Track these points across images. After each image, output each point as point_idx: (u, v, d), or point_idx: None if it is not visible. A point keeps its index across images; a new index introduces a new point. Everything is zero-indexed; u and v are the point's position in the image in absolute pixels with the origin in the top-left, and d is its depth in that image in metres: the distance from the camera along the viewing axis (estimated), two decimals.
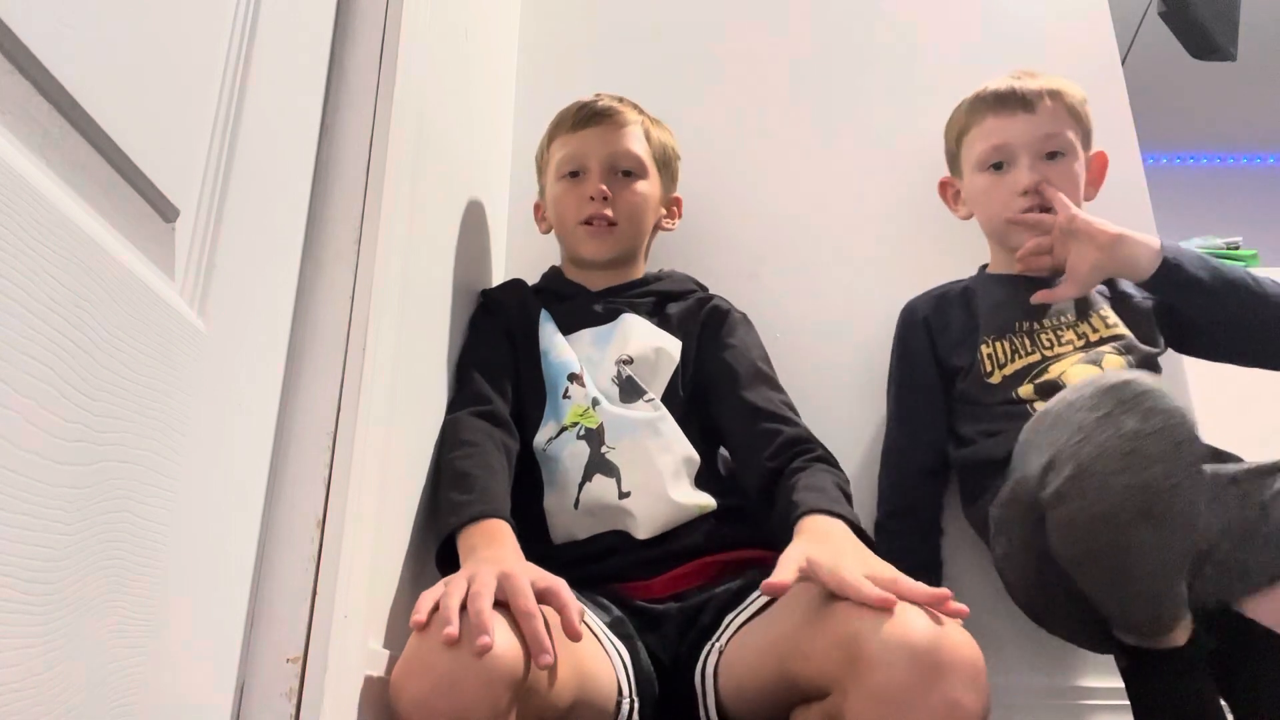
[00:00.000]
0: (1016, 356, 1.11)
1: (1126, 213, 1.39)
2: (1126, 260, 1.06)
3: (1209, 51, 2.18)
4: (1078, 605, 0.89)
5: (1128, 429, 0.74)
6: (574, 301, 1.14)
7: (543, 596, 0.69)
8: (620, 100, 1.19)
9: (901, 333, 1.25)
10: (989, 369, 1.12)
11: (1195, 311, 1.08)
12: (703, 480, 1.00)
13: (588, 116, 1.16)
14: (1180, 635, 0.83)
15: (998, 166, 1.18)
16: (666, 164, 1.22)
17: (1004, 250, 1.22)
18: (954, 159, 1.27)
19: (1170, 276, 1.04)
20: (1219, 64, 2.23)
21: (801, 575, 0.71)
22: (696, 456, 1.01)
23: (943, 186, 1.31)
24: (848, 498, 0.89)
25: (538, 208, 1.26)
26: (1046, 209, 1.13)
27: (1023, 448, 0.87)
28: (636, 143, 1.17)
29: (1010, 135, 1.16)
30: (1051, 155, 1.15)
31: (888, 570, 0.71)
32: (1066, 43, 1.53)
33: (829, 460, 0.95)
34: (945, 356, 1.18)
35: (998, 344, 1.13)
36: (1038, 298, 1.13)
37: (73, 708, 0.44)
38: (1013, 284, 1.17)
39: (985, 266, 1.27)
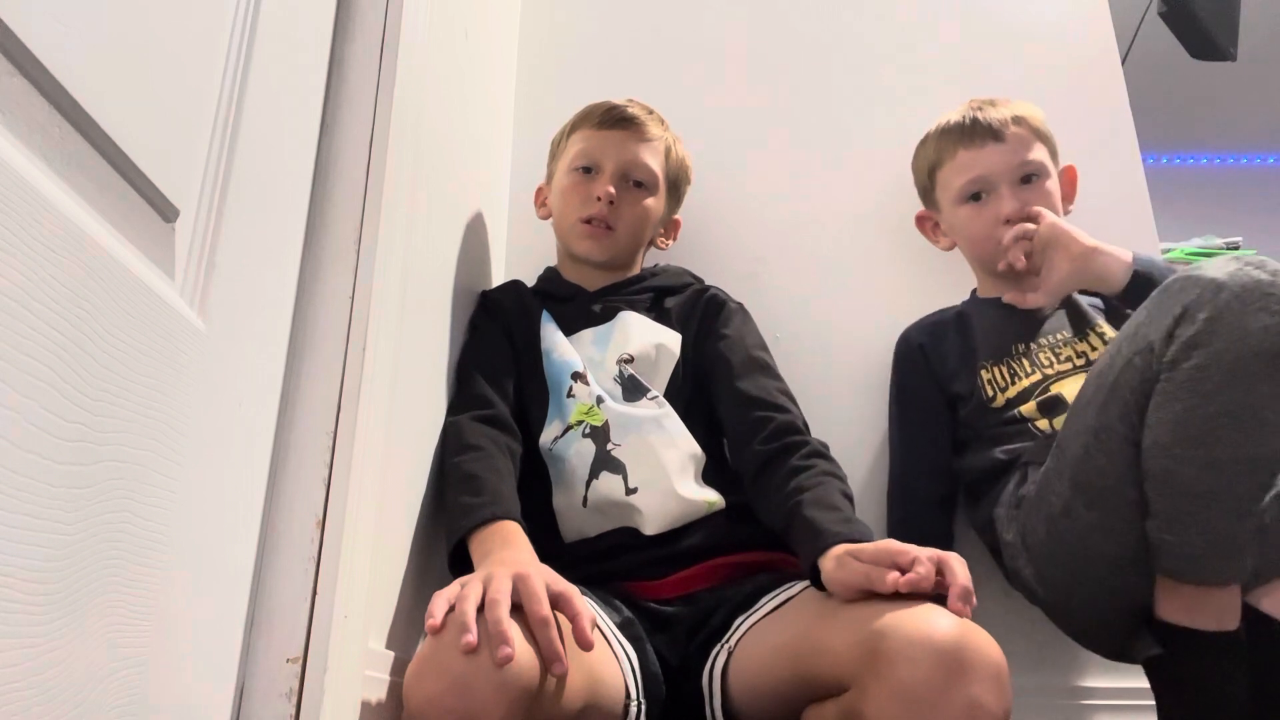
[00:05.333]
0: (1017, 379, 1.11)
1: (1126, 213, 1.40)
2: (1099, 273, 1.06)
3: (1209, 51, 2.18)
4: (1119, 575, 0.87)
5: (1263, 277, 0.76)
6: (572, 303, 1.14)
7: (554, 602, 0.69)
8: (650, 112, 1.19)
9: (899, 363, 1.25)
10: (990, 394, 1.12)
11: None
12: (710, 476, 1.00)
13: (615, 119, 1.15)
14: (1229, 613, 0.82)
15: (976, 197, 1.19)
16: (676, 185, 1.22)
17: (991, 276, 1.22)
18: (928, 193, 1.28)
19: (1141, 289, 1.00)
20: (1219, 64, 2.23)
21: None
22: (702, 454, 1.01)
23: (920, 220, 1.31)
24: (850, 499, 0.89)
25: (540, 192, 1.26)
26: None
27: (1144, 318, 0.84)
28: (654, 158, 1.17)
29: (985, 167, 1.17)
30: (1027, 179, 1.16)
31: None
32: (1066, 43, 1.53)
33: (824, 455, 0.95)
34: (945, 384, 1.18)
35: (996, 369, 1.13)
36: (1009, 297, 1.13)
37: (73, 707, 0.44)
38: (1005, 307, 1.17)
39: (976, 290, 1.27)
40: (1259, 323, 0.74)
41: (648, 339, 1.07)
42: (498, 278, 1.29)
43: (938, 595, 0.70)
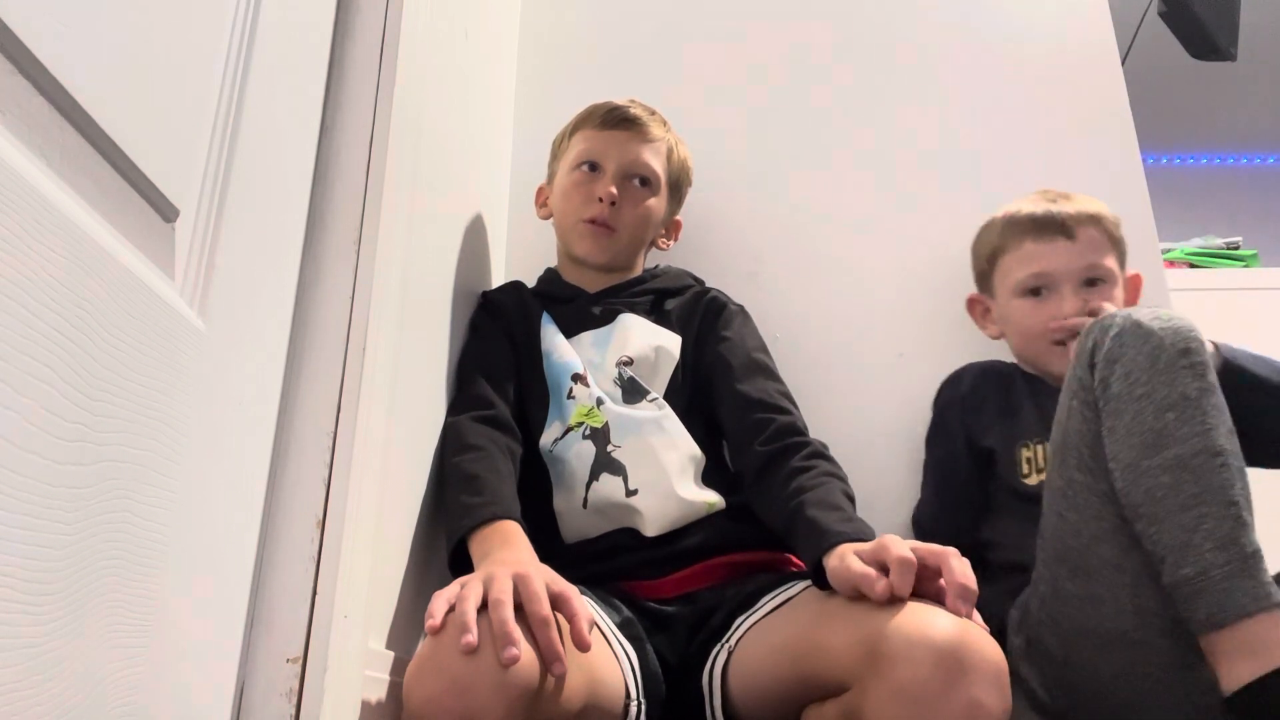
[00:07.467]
0: None
1: (1126, 213, 1.39)
2: None
3: (1209, 51, 2.18)
4: (1124, 656, 0.83)
5: (1143, 313, 0.87)
6: (573, 305, 1.13)
7: (553, 602, 0.69)
8: (652, 113, 1.18)
9: (941, 405, 1.22)
10: (1026, 471, 1.10)
11: (1258, 415, 0.92)
12: (710, 478, 1.01)
13: (618, 119, 1.15)
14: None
15: (1035, 292, 1.15)
16: (678, 186, 1.22)
17: (1038, 370, 1.18)
18: (985, 277, 1.23)
19: (1232, 380, 0.90)
20: (1219, 64, 2.23)
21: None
22: (702, 455, 1.01)
23: (971, 304, 1.27)
24: (851, 499, 0.89)
25: (540, 192, 1.26)
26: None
27: (1070, 373, 0.91)
28: (657, 158, 1.16)
29: (1051, 263, 1.13)
30: (1091, 282, 1.13)
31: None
32: (1066, 43, 1.53)
33: (824, 455, 0.95)
34: (977, 436, 1.15)
35: (1039, 447, 1.10)
36: None
37: (73, 708, 0.44)
38: (1050, 389, 1.11)
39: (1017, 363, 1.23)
40: (1155, 326, 0.84)
41: (647, 341, 1.07)
42: (498, 278, 1.29)
43: (938, 594, 0.70)
